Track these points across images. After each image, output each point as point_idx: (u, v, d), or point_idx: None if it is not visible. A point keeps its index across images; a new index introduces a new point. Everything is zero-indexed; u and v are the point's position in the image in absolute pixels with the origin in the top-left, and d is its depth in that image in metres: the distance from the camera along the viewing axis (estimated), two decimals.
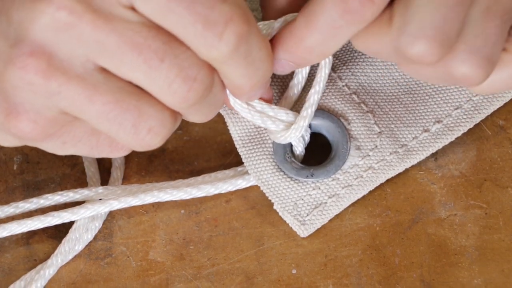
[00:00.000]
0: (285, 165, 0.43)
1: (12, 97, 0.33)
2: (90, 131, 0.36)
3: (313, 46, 0.37)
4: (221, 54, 0.32)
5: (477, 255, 0.42)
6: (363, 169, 0.44)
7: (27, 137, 0.35)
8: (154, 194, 0.43)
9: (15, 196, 0.45)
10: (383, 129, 0.44)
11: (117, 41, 0.32)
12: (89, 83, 0.33)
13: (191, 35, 0.32)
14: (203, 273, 0.43)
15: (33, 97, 0.33)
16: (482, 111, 0.45)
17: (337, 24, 0.35)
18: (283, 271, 0.42)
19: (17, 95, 0.33)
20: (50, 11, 0.31)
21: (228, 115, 0.44)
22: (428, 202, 0.44)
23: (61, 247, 0.43)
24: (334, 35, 0.36)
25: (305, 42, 0.37)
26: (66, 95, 0.33)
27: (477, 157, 0.45)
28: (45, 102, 0.33)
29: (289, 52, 0.38)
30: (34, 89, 0.33)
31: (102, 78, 0.33)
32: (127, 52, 0.32)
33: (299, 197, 0.43)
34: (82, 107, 0.33)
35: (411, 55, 0.35)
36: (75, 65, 0.33)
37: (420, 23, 0.34)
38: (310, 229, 0.43)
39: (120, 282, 0.43)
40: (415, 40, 0.34)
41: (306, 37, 0.37)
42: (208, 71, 0.34)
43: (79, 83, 0.33)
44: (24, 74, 0.32)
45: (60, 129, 0.35)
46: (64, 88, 0.32)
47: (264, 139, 0.44)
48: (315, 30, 0.36)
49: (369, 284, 0.42)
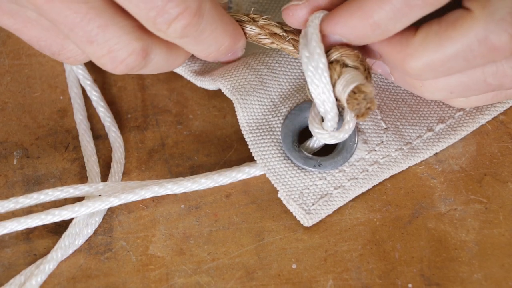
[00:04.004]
0: (293, 154, 0.44)
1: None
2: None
3: (380, 23, 0.37)
4: (169, 37, 0.37)
5: (477, 250, 0.42)
6: (369, 163, 0.44)
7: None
8: (154, 190, 0.43)
9: (15, 190, 0.45)
10: (389, 125, 0.45)
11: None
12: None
13: (144, 18, 0.36)
14: (203, 268, 0.43)
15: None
16: (484, 112, 0.45)
17: (413, 2, 0.36)
18: (283, 265, 0.42)
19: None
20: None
21: (238, 100, 0.45)
22: (428, 197, 0.44)
23: (61, 242, 0.43)
24: (406, 14, 0.36)
25: (373, 18, 0.37)
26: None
27: (477, 151, 0.45)
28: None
29: (350, 27, 0.38)
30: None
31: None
32: None
33: (305, 186, 0.43)
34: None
35: (499, 43, 0.36)
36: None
37: (506, 10, 0.35)
38: (315, 218, 0.43)
39: (120, 276, 0.43)
40: (504, 26, 0.35)
41: (376, 12, 0.37)
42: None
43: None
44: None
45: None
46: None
47: (272, 126, 0.44)
48: (388, 5, 0.36)
49: (369, 278, 0.42)
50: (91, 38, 0.36)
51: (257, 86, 0.45)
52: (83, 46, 0.37)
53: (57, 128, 0.48)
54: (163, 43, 0.39)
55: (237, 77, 0.45)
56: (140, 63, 0.38)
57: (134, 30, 0.37)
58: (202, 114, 0.48)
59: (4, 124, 0.48)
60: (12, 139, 0.47)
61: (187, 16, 0.36)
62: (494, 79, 0.39)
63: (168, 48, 0.39)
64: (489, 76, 0.39)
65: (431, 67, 0.38)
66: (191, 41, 0.38)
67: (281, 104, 0.45)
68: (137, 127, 0.48)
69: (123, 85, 0.49)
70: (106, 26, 0.36)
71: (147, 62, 0.38)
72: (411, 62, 0.38)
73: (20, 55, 0.51)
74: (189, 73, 0.47)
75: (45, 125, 0.48)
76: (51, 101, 0.49)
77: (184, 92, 0.49)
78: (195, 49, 0.39)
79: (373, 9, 0.37)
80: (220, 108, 0.48)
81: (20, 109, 0.48)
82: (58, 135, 0.47)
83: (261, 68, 0.46)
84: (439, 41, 0.37)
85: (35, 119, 0.48)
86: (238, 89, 0.45)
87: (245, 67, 0.45)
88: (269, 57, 0.46)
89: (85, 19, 0.35)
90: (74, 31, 0.36)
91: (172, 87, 0.49)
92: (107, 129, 0.47)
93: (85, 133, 0.47)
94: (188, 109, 0.48)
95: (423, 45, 0.38)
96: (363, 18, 0.37)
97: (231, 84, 0.45)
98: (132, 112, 0.48)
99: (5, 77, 0.50)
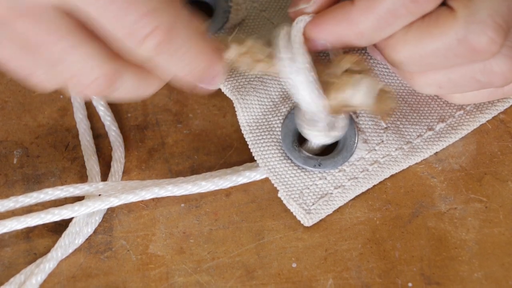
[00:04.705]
0: (293, 153, 0.44)
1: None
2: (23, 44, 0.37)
3: (365, 32, 0.37)
4: (140, 55, 0.35)
5: (477, 249, 0.42)
6: (369, 163, 0.44)
7: None
8: (154, 191, 0.43)
9: (15, 189, 0.45)
10: (389, 124, 0.45)
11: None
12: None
13: (116, 35, 0.35)
14: (203, 267, 0.43)
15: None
16: (485, 111, 0.45)
17: (398, 13, 0.36)
18: (283, 264, 0.42)
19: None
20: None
21: (238, 100, 0.45)
22: (428, 196, 0.44)
23: (61, 241, 0.43)
24: (390, 23, 0.37)
25: (358, 27, 0.37)
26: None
27: (477, 150, 0.45)
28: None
29: (335, 34, 0.38)
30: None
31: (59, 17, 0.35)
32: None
33: (305, 186, 0.43)
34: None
35: (478, 45, 0.36)
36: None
37: (487, 11, 0.35)
38: (315, 218, 0.43)
39: (120, 275, 0.43)
40: (484, 28, 0.35)
41: (361, 22, 0.37)
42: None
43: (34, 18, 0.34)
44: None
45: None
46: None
47: (272, 126, 0.45)
48: (373, 16, 0.36)
49: (369, 278, 0.42)
50: (56, 60, 0.35)
51: (257, 86, 0.45)
52: (48, 67, 0.36)
53: (57, 127, 0.48)
54: (133, 69, 0.37)
55: (237, 77, 0.45)
56: (106, 88, 0.37)
57: (102, 55, 0.36)
58: (202, 113, 0.48)
59: (4, 123, 0.48)
60: (12, 138, 0.47)
61: (160, 33, 0.35)
62: (482, 77, 0.39)
63: (139, 74, 0.38)
64: (476, 74, 0.39)
65: (411, 61, 0.39)
66: (164, 60, 0.37)
67: (281, 104, 0.45)
68: (137, 126, 0.48)
69: None
70: (72, 48, 0.35)
71: (115, 88, 0.37)
72: (392, 53, 0.39)
73: None
74: None
75: (45, 124, 0.48)
76: (51, 100, 0.49)
77: (184, 91, 0.49)
78: (169, 70, 0.38)
79: (359, 19, 0.37)
80: (220, 107, 0.48)
81: (20, 108, 0.48)
82: (58, 134, 0.47)
83: None
84: (420, 36, 0.37)
85: (35, 118, 0.48)
86: (238, 89, 0.45)
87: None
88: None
89: (51, 40, 0.34)
90: (39, 51, 0.35)
91: (172, 86, 0.49)
92: (107, 128, 0.47)
93: (85, 132, 0.47)
94: (188, 108, 0.48)
95: (404, 39, 0.38)
96: (349, 27, 0.38)
97: (231, 84, 0.45)
98: (132, 111, 0.48)
99: (5, 76, 0.50)
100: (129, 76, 0.37)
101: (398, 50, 0.38)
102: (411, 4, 0.36)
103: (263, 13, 0.48)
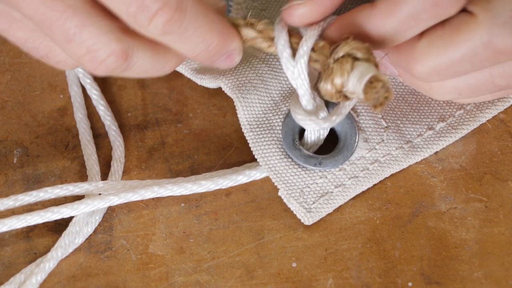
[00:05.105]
0: (293, 152, 0.44)
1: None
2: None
3: (386, 35, 0.37)
4: (151, 34, 0.36)
5: (477, 249, 0.42)
6: (370, 162, 0.44)
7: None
8: (154, 190, 0.43)
9: (15, 189, 0.45)
10: (389, 124, 0.45)
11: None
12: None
13: (125, 14, 0.35)
14: (203, 267, 0.43)
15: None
16: (485, 111, 0.45)
17: (420, 16, 0.36)
18: (283, 264, 0.42)
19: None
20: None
21: (238, 98, 0.45)
22: (428, 196, 0.44)
23: (61, 240, 0.43)
24: (411, 27, 0.37)
25: (378, 31, 0.37)
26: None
27: (477, 150, 0.45)
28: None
29: (355, 38, 0.38)
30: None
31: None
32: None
33: (306, 185, 0.43)
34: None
35: (504, 46, 0.36)
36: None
37: (509, 13, 0.35)
38: (315, 217, 0.43)
39: (120, 275, 0.43)
40: (508, 30, 0.36)
41: (382, 26, 0.37)
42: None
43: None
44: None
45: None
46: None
47: (273, 124, 0.45)
48: (394, 19, 0.37)
49: (369, 277, 0.42)
50: (69, 37, 0.35)
51: (257, 84, 0.45)
52: (62, 45, 0.36)
53: (57, 127, 0.48)
54: (148, 45, 0.38)
55: (237, 75, 0.45)
56: (121, 64, 0.37)
57: (115, 31, 0.36)
58: (202, 112, 0.48)
59: (4, 122, 0.48)
60: (12, 137, 0.47)
61: (167, 11, 0.35)
62: (501, 80, 0.39)
63: (154, 51, 0.38)
64: (496, 78, 0.39)
65: (437, 71, 0.39)
66: (175, 39, 0.37)
67: (282, 103, 0.45)
68: (137, 125, 0.48)
69: (123, 83, 0.49)
70: (84, 25, 0.35)
71: (130, 64, 0.37)
72: (417, 67, 0.39)
73: (20, 53, 0.51)
74: (190, 71, 0.47)
75: (45, 124, 0.48)
76: (51, 100, 0.49)
77: (184, 90, 0.49)
78: (182, 48, 0.38)
79: (380, 22, 0.37)
80: (220, 106, 0.48)
81: (20, 108, 0.48)
82: (58, 133, 0.47)
83: (262, 66, 0.46)
84: (444, 45, 0.37)
85: (35, 117, 0.48)
86: (238, 88, 0.45)
87: (246, 65, 0.46)
88: (270, 56, 0.46)
89: (62, 18, 0.35)
90: (52, 29, 0.35)
91: (172, 85, 0.49)
92: (107, 128, 0.47)
93: (85, 131, 0.47)
94: (188, 108, 0.48)
95: (428, 50, 0.38)
96: (372, 31, 0.38)
97: (231, 82, 0.45)
98: (132, 111, 0.48)
99: (5, 76, 0.50)
100: (144, 52, 0.37)
101: (423, 62, 0.38)
102: (433, 8, 0.36)
103: (263, 13, 0.48)
